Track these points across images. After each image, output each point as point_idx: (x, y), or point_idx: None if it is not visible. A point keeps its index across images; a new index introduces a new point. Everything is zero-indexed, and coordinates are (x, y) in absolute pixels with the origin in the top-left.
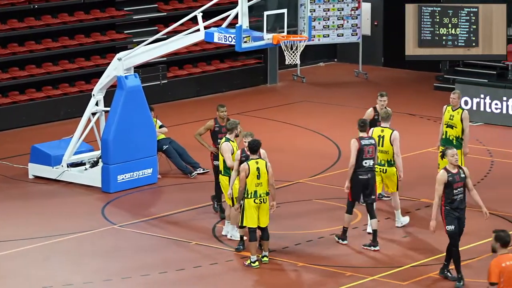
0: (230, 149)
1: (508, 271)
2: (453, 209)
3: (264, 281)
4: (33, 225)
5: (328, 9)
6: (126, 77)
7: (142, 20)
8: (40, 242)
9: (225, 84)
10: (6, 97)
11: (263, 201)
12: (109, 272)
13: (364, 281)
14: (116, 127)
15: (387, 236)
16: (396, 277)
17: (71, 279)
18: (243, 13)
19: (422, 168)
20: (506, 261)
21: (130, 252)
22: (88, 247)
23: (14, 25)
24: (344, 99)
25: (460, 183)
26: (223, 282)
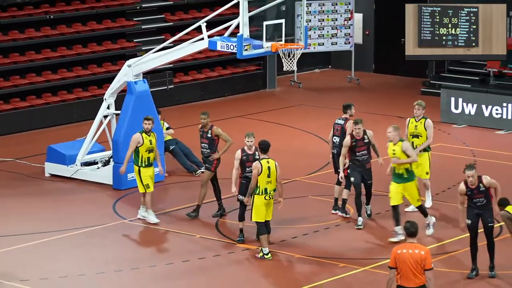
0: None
1: (401, 258)
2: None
3: (263, 271)
4: (48, 219)
5: (323, 19)
6: (135, 82)
7: (150, 29)
8: (55, 236)
9: (227, 89)
10: (24, 101)
11: (271, 197)
12: (120, 263)
13: (355, 272)
14: (126, 129)
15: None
16: (383, 268)
17: (84, 270)
18: (244, 23)
19: None
20: (403, 249)
21: (139, 245)
22: (100, 240)
23: (31, 34)
24: (338, 103)
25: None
26: (225, 272)
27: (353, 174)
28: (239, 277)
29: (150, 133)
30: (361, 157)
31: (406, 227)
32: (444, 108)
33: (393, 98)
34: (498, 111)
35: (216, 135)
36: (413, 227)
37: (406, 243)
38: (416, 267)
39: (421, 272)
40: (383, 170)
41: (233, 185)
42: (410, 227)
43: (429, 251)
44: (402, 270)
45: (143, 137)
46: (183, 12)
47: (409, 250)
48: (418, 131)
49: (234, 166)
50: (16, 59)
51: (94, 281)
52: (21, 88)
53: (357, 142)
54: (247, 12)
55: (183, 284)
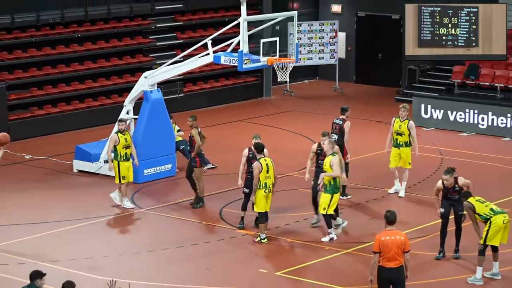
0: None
1: (384, 244)
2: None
3: (260, 253)
4: (76, 209)
5: (312, 37)
6: (151, 91)
7: (163, 46)
8: (82, 223)
9: (229, 97)
10: (55, 107)
11: (270, 191)
12: (137, 247)
13: (339, 254)
14: (143, 131)
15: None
16: (365, 251)
17: (107, 252)
18: (244, 40)
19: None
20: (386, 236)
21: (154, 231)
22: (120, 227)
23: (61, 50)
24: (324, 109)
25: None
26: (227, 254)
27: (314, 179)
28: (239, 259)
29: (125, 132)
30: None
31: (386, 215)
32: (415, 113)
33: (371, 105)
34: (461, 116)
35: (192, 135)
36: (392, 215)
37: (386, 231)
38: (397, 250)
39: (401, 255)
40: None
41: (239, 179)
42: (390, 216)
43: (406, 236)
44: (385, 254)
45: (118, 136)
46: (192, 31)
47: (391, 236)
48: (402, 130)
49: (241, 162)
50: (48, 71)
51: (115, 261)
52: (53, 96)
53: (321, 151)
54: (246, 31)
55: (192, 264)
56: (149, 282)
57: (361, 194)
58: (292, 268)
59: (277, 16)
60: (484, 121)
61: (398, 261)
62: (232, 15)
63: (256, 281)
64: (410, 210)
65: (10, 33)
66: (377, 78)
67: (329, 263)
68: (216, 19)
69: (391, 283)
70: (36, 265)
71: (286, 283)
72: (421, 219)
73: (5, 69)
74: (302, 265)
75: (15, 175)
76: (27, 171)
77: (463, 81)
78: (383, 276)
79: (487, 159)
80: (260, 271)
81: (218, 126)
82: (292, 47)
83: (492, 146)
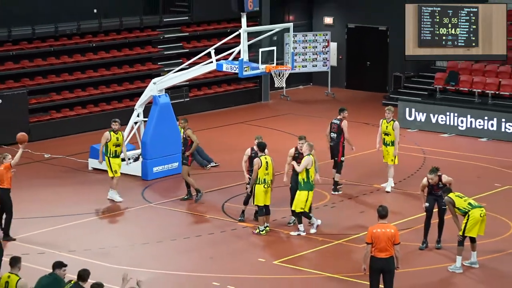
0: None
1: (376, 236)
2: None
3: (259, 243)
4: (90, 203)
5: (306, 47)
6: (159, 96)
7: (171, 55)
8: (95, 216)
9: (231, 101)
10: (72, 110)
11: (269, 186)
12: (147, 238)
13: (331, 244)
14: (152, 132)
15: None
16: (354, 241)
17: (118, 243)
18: (244, 50)
19: (375, 162)
20: (378, 229)
21: (162, 223)
22: (131, 220)
23: (78, 58)
24: (318, 112)
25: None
26: (230, 245)
27: (291, 180)
28: (240, 249)
29: (117, 132)
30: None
31: (378, 210)
32: (400, 116)
33: (360, 108)
34: (442, 119)
35: (188, 136)
36: (384, 210)
37: (379, 224)
38: (388, 242)
39: (391, 246)
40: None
41: (246, 174)
42: (382, 211)
43: (397, 229)
44: (377, 245)
45: (111, 134)
46: (197, 41)
47: (382, 229)
48: (388, 130)
49: (243, 159)
50: (66, 78)
51: (126, 251)
52: (69, 100)
53: (299, 154)
54: (246, 41)
55: (197, 254)
56: (158, 270)
57: (351, 189)
58: (288, 257)
59: (274, 28)
60: (463, 123)
61: (388, 252)
62: (234, 27)
63: (255, 269)
64: (396, 204)
65: (31, 43)
66: (365, 84)
67: (322, 252)
68: (219, 30)
69: (382, 272)
70: (54, 254)
71: (283, 271)
72: (407, 213)
73: (27, 76)
74: (297, 254)
75: (35, 172)
76: (46, 169)
77: (444, 86)
78: (374, 266)
79: (466, 158)
80: (259, 260)
81: (221, 128)
82: (288, 56)
83: (471, 146)
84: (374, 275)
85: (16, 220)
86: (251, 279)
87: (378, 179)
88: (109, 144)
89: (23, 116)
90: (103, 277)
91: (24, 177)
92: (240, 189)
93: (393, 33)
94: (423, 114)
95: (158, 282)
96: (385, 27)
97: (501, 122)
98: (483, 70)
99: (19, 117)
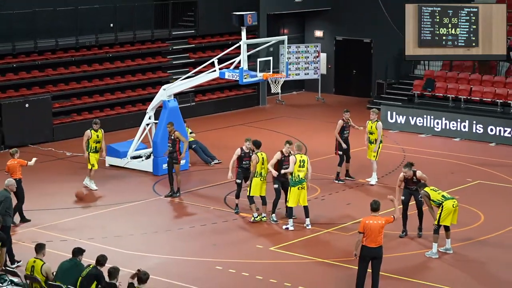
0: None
1: (368, 227)
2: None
3: (257, 232)
4: (107, 196)
5: (299, 57)
6: (168, 101)
7: (178, 64)
8: (111, 208)
9: (232, 105)
10: (91, 113)
11: (264, 179)
12: (157, 227)
13: (321, 233)
14: (162, 133)
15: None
16: (342, 230)
17: (132, 231)
18: (244, 59)
19: (360, 159)
20: (370, 220)
21: (170, 214)
22: (143, 211)
23: (96, 67)
24: (309, 115)
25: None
26: (231, 233)
27: (276, 182)
28: (240, 237)
29: (98, 130)
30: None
31: (371, 204)
32: (383, 118)
33: None
34: (420, 121)
35: (177, 137)
36: (376, 204)
37: (371, 216)
38: (378, 232)
39: (381, 236)
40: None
41: (230, 172)
42: (373, 204)
43: (386, 220)
44: (368, 235)
45: (91, 132)
46: (201, 52)
47: (374, 221)
48: (372, 130)
49: (232, 159)
50: (85, 85)
51: (139, 239)
52: (89, 104)
53: (285, 158)
54: (246, 52)
55: (201, 241)
56: (167, 256)
57: (340, 184)
58: (283, 244)
59: (270, 40)
60: (438, 125)
61: (378, 242)
62: (235, 39)
63: (253, 254)
64: (378, 197)
65: (55, 54)
66: (352, 90)
67: (313, 240)
68: (221, 42)
69: (371, 259)
70: (75, 241)
71: (278, 256)
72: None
73: (50, 83)
74: (291, 241)
75: (58, 169)
76: (68, 166)
77: (422, 92)
78: (365, 254)
79: (441, 156)
80: (257, 247)
81: (223, 129)
82: (283, 65)
83: (445, 146)
84: (363, 262)
85: (41, 211)
86: (249, 264)
87: (363, 175)
88: (90, 141)
89: (47, 119)
90: (119, 262)
91: (48, 173)
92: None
93: (376, 45)
94: (403, 116)
95: (168, 266)
96: (369, 39)
97: (472, 123)
98: (456, 78)
99: (44, 119)
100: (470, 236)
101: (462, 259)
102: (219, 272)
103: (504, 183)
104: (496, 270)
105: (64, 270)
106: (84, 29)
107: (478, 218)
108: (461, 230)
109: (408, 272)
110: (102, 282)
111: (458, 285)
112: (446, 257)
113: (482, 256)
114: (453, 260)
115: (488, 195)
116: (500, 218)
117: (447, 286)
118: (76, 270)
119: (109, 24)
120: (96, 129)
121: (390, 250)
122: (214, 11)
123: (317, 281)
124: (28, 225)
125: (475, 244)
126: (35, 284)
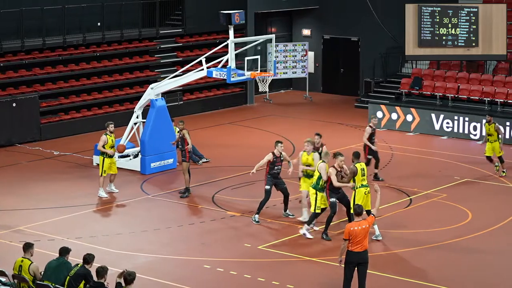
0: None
1: (353, 233)
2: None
3: (246, 230)
4: (95, 195)
5: (287, 55)
6: (156, 99)
7: (166, 63)
8: (100, 206)
9: (220, 104)
10: (78, 112)
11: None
12: (146, 226)
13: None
14: (150, 132)
15: None
16: (330, 229)
17: (121, 230)
18: (231, 58)
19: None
20: (354, 227)
21: (159, 213)
22: (131, 210)
23: (83, 66)
24: (297, 113)
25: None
26: (219, 232)
27: (268, 182)
28: (228, 235)
29: (111, 134)
30: (277, 170)
31: (354, 208)
32: (370, 117)
33: (335, 110)
34: (408, 119)
35: (183, 135)
36: (359, 208)
37: (354, 222)
38: (364, 237)
39: (366, 240)
40: None
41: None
42: (357, 209)
43: (371, 221)
44: (354, 240)
45: (107, 138)
46: (189, 50)
47: (359, 226)
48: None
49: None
50: (73, 84)
51: (128, 238)
52: (76, 103)
53: (276, 158)
54: (233, 51)
55: (190, 240)
56: (156, 255)
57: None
58: (271, 243)
59: (258, 39)
60: (426, 123)
61: (363, 246)
62: (222, 38)
63: (241, 253)
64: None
65: (42, 53)
66: (339, 88)
67: (301, 239)
68: (209, 41)
69: (357, 264)
70: (63, 241)
71: (266, 255)
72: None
73: (38, 82)
74: (279, 240)
75: (46, 167)
76: (55, 165)
77: (409, 91)
78: (351, 259)
79: (429, 154)
80: (245, 245)
81: (211, 128)
82: (271, 63)
83: (433, 144)
84: (350, 267)
85: (28, 211)
86: (238, 262)
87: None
88: (106, 146)
89: (34, 118)
90: (107, 261)
91: (36, 172)
92: (229, 182)
93: (364, 43)
94: (391, 114)
95: (156, 265)
96: (357, 38)
97: (459, 122)
98: (444, 76)
99: (31, 119)
100: (458, 234)
101: (450, 257)
102: (207, 271)
103: (492, 181)
104: (485, 268)
105: (51, 269)
106: (72, 28)
107: (466, 216)
108: (450, 228)
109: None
110: (90, 281)
111: (447, 282)
112: (435, 253)
113: (471, 253)
114: (441, 256)
115: (476, 193)
116: (487, 215)
117: (434, 284)
118: (64, 269)
119: (97, 23)
120: (111, 131)
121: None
122: (202, 9)
123: (305, 279)
124: (16, 225)
125: (462, 242)
126: (23, 284)
